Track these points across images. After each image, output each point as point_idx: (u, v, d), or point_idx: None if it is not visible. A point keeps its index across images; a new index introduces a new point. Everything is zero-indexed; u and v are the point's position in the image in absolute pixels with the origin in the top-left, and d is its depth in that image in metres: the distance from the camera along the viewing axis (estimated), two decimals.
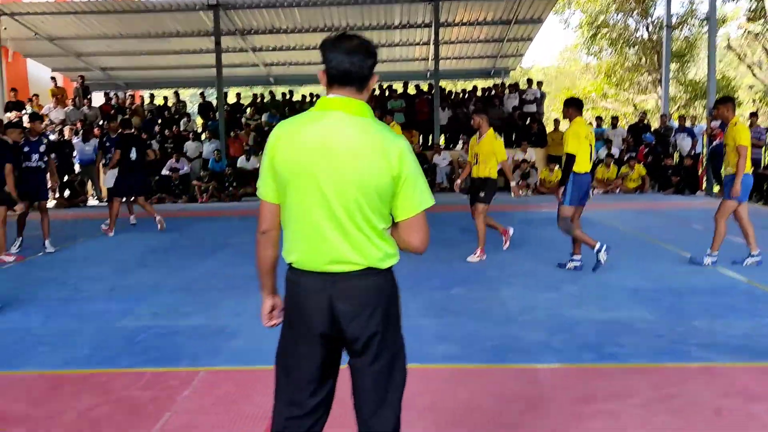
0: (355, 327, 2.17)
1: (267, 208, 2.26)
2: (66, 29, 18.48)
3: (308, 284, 2.19)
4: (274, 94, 19.82)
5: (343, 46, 2.18)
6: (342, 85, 2.19)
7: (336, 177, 2.13)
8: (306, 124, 2.19)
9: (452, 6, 17.37)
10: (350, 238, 2.15)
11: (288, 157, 2.16)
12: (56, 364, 4.46)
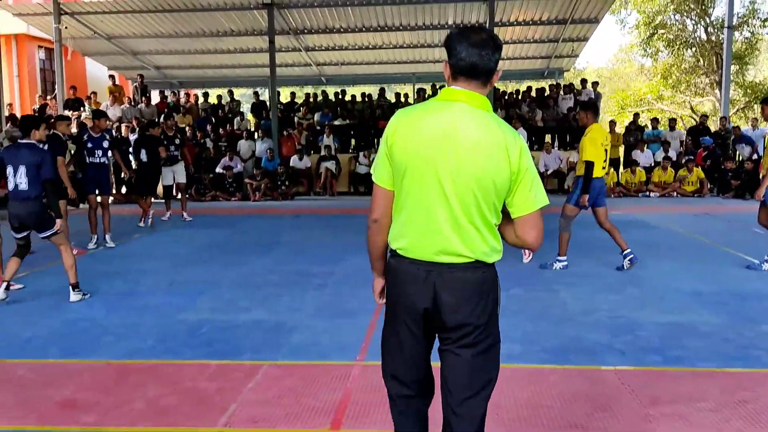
0: (456, 317, 2.20)
1: (382, 194, 2.28)
2: (123, 28, 18.94)
3: (413, 271, 2.22)
4: (327, 93, 19.92)
5: (472, 38, 2.17)
6: (468, 78, 2.19)
7: (455, 168, 2.13)
8: (428, 113, 2.19)
9: (507, 5, 17.15)
10: (461, 231, 2.17)
11: (407, 145, 2.17)
12: (122, 354, 4.53)
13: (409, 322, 2.27)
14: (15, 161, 5.81)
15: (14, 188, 5.81)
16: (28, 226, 5.93)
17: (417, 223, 2.20)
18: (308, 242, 9.33)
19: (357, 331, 4.92)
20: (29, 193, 5.78)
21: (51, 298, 6.14)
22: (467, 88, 2.19)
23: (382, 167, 2.27)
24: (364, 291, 6.13)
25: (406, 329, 2.28)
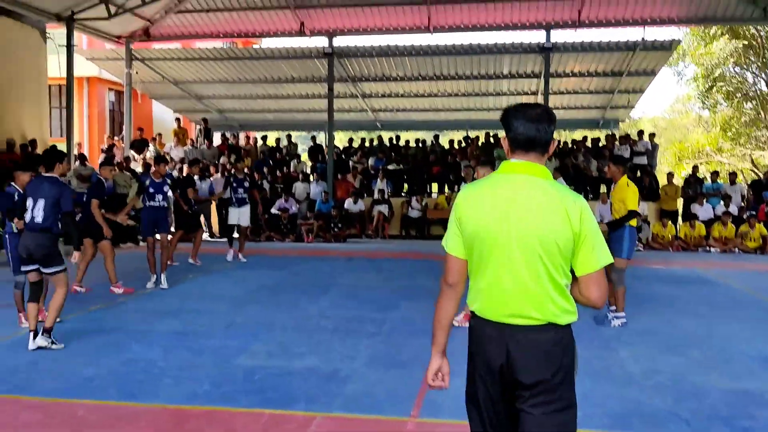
0: (528, 376, 2.26)
1: (454, 262, 2.44)
2: (190, 74, 19.78)
3: (488, 332, 2.34)
4: (382, 138, 20.21)
5: (528, 114, 2.35)
6: (526, 151, 2.35)
7: (520, 235, 2.26)
8: (493, 186, 2.37)
9: (563, 57, 17.23)
10: (530, 294, 2.27)
11: (475, 217, 2.34)
12: (179, 398, 4.58)
13: (487, 380, 2.35)
14: (35, 194, 5.84)
15: (30, 220, 5.81)
16: (35, 259, 5.82)
17: (487, 288, 2.33)
18: (360, 286, 9.35)
19: (411, 383, 4.86)
20: (42, 225, 5.74)
21: (110, 336, 6.30)
22: (527, 160, 2.35)
23: (453, 238, 2.43)
24: (416, 341, 6.11)
25: (484, 387, 2.36)
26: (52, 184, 5.86)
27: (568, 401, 2.30)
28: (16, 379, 4.98)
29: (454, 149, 18.98)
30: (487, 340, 2.33)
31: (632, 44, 16.60)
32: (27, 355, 5.64)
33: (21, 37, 15.38)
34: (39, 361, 5.44)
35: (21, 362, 5.42)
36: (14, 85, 15.08)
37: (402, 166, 18.56)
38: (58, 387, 4.81)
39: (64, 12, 15.75)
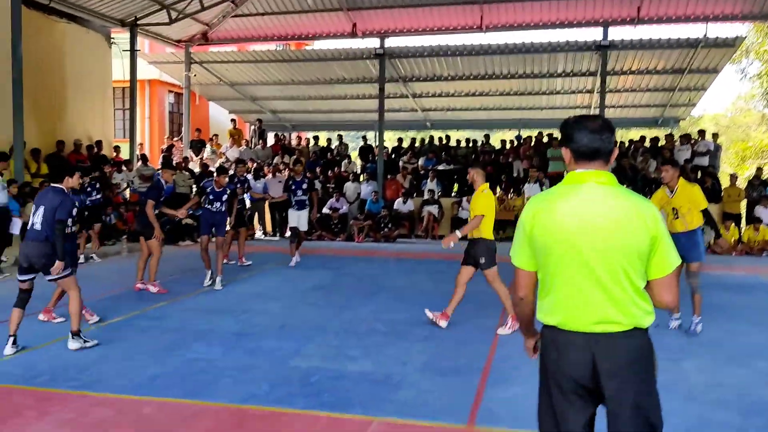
0: (615, 384, 2.31)
1: (524, 275, 2.51)
2: (246, 76, 20.19)
3: (570, 343, 2.37)
4: (433, 138, 20.19)
5: (590, 126, 2.41)
6: (590, 161, 2.42)
7: (599, 244, 2.32)
8: (562, 197, 2.41)
9: (621, 54, 16.88)
10: (615, 300, 2.32)
11: (548, 229, 2.38)
12: (239, 398, 4.72)
13: (568, 393, 2.36)
14: (39, 202, 5.99)
15: (30, 227, 5.89)
16: (36, 268, 5.89)
17: (570, 299, 2.36)
18: (411, 289, 9.40)
19: (466, 391, 4.89)
20: (41, 234, 5.79)
21: (172, 335, 6.53)
22: (591, 169, 2.41)
23: (522, 251, 2.48)
24: (469, 347, 6.13)
25: (565, 400, 2.37)
26: (55, 194, 5.93)
27: (654, 405, 2.38)
28: (86, 376, 5.22)
29: (506, 149, 18.82)
30: (571, 351, 2.35)
31: (694, 41, 16.12)
32: (95, 352, 5.90)
33: (87, 43, 16.00)
34: (107, 359, 5.69)
35: (90, 359, 5.67)
36: (81, 88, 15.70)
37: (452, 166, 18.51)
38: (126, 384, 5.02)
39: (128, 18, 16.31)
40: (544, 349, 2.45)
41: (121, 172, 15.33)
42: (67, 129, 15.20)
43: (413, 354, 5.97)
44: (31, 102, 13.07)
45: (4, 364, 5.52)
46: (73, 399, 4.70)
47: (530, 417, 4.33)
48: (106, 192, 14.06)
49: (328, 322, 7.19)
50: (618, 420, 2.33)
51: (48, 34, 14.62)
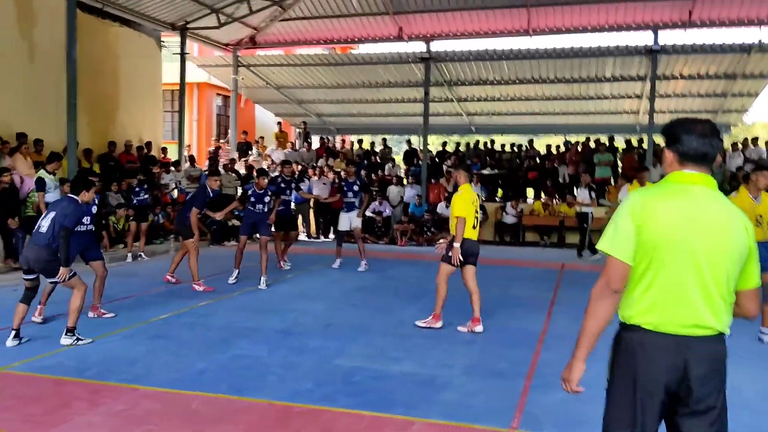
0: (705, 389, 2.32)
1: (623, 268, 2.38)
2: (292, 79, 20.43)
3: (661, 345, 2.33)
4: (478, 142, 20.06)
5: (699, 129, 2.41)
6: (697, 164, 2.41)
7: (710, 248, 2.31)
8: (672, 195, 2.39)
9: (671, 59, 16.50)
10: (713, 305, 2.32)
11: (660, 225, 2.33)
12: (284, 395, 4.77)
13: (649, 398, 2.34)
14: (51, 208, 6.16)
15: (36, 230, 6.02)
16: (33, 270, 6.00)
17: (670, 299, 2.33)
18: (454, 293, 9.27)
19: (510, 394, 4.84)
20: (44, 238, 5.89)
21: (219, 332, 6.64)
22: (698, 171, 2.40)
23: (626, 242, 2.36)
24: (514, 351, 6.06)
25: (650, 406, 2.34)
26: (69, 203, 6.09)
27: (725, 410, 2.39)
28: (136, 369, 5.35)
29: (552, 154, 18.58)
30: (663, 355, 2.32)
31: (747, 46, 15.65)
32: (144, 346, 6.05)
33: (139, 46, 16.43)
34: (155, 353, 5.82)
35: (139, 353, 5.81)
36: (132, 90, 16.13)
37: (497, 170, 18.36)
38: (174, 378, 5.12)
39: (178, 21, 16.69)
40: (625, 352, 2.39)
41: (169, 172, 15.66)
42: (118, 130, 15.62)
43: (457, 356, 5.94)
44: (84, 103, 13.47)
45: (59, 356, 5.70)
46: (122, 391, 4.81)
47: (573, 423, 4.30)
48: (154, 192, 14.40)
49: (371, 323, 7.21)
50: (700, 425, 2.34)
51: (102, 37, 15.07)
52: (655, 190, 2.42)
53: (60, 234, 5.88)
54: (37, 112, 12.92)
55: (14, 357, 5.63)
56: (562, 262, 12.83)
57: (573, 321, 7.29)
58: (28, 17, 12.98)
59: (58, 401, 4.59)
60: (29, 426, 4.12)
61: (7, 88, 12.40)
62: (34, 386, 4.92)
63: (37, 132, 12.64)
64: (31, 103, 12.88)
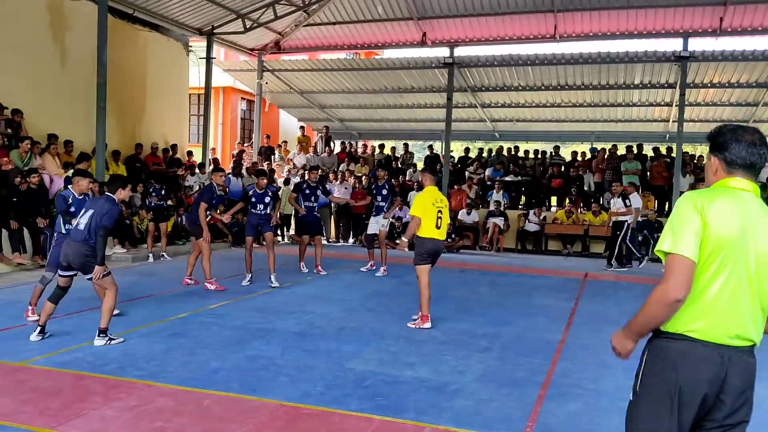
0: (738, 403, 2.26)
1: (690, 268, 2.24)
2: (315, 84, 20.54)
3: (706, 355, 2.25)
4: (502, 149, 19.92)
5: (748, 138, 2.37)
6: (745, 173, 2.37)
7: (760, 255, 2.27)
8: (729, 199, 2.31)
9: (701, 66, 16.24)
10: (755, 316, 2.29)
11: (725, 226, 2.25)
12: (294, 396, 4.77)
13: (686, 410, 2.26)
14: (88, 206, 6.20)
15: (75, 228, 6.14)
16: (72, 266, 6.08)
17: (721, 306, 2.25)
18: (473, 300, 9.29)
19: (524, 403, 4.78)
20: (82, 235, 5.98)
21: (236, 333, 6.67)
22: (746, 178, 2.37)
23: (693, 239, 2.24)
24: (531, 360, 5.99)
25: (685, 417, 2.27)
26: (106, 202, 6.15)
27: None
28: (152, 366, 5.40)
29: (578, 161, 18.39)
30: (705, 366, 2.24)
31: None
32: (161, 344, 6.10)
33: (167, 50, 16.68)
34: (172, 352, 5.87)
35: (156, 351, 5.86)
36: (160, 94, 16.37)
37: (520, 177, 18.23)
38: (188, 377, 5.16)
39: (205, 27, 16.90)
40: (663, 362, 2.30)
41: (194, 175, 15.84)
42: (145, 132, 15.86)
43: (472, 363, 5.89)
44: (113, 106, 13.69)
45: (78, 351, 5.78)
46: (138, 387, 4.86)
47: None
48: (178, 194, 14.58)
49: (387, 328, 7.18)
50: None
51: (131, 42, 15.33)
52: (712, 192, 2.34)
53: (99, 233, 5.97)
54: (68, 115, 13.19)
55: (37, 352, 5.72)
56: (585, 272, 12.67)
57: (593, 331, 7.26)
58: (60, 23, 13.27)
59: (75, 395, 4.64)
60: (45, 419, 4.17)
61: (39, 91, 12.68)
62: (53, 380, 4.99)
63: (68, 134, 12.91)
64: (61, 105, 13.15)
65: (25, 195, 10.28)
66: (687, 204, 2.29)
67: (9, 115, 11.74)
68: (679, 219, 2.28)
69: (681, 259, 2.21)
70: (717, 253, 2.23)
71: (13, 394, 4.62)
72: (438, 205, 7.31)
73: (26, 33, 12.51)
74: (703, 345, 2.24)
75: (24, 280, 9.33)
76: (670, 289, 2.21)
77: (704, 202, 2.27)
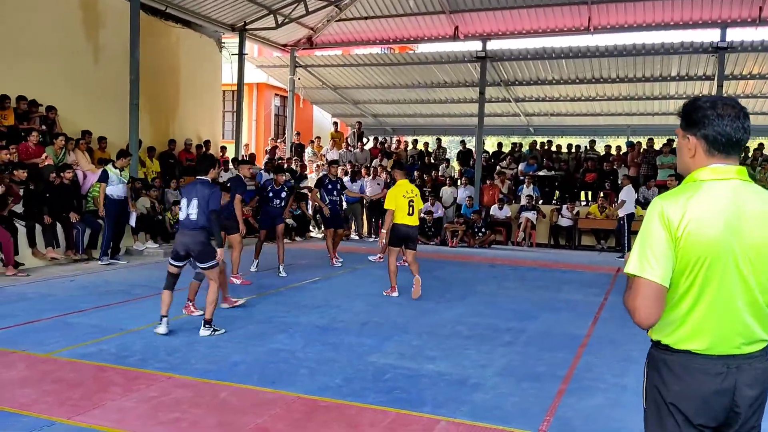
0: (751, 410, 2.07)
1: (658, 293, 2.01)
2: (348, 80, 20.56)
3: (710, 369, 2.04)
4: (535, 143, 19.65)
5: (730, 113, 2.05)
6: (728, 154, 2.07)
7: (754, 251, 2.01)
8: (707, 195, 2.04)
9: (740, 57, 15.74)
10: (761, 314, 2.05)
11: (704, 231, 1.99)
12: (313, 389, 4.77)
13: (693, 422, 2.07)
14: (189, 195, 6.26)
15: (185, 218, 6.23)
16: (191, 255, 6.24)
17: (719, 318, 2.03)
18: (500, 294, 9.18)
19: (543, 398, 4.69)
20: (197, 223, 6.15)
21: (258, 326, 6.71)
22: (729, 164, 2.06)
23: (663, 261, 2.00)
24: (553, 354, 5.89)
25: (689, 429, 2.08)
26: (204, 186, 6.27)
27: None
28: (173, 359, 5.46)
29: (612, 155, 18.02)
30: (711, 381, 2.04)
31: None
32: (184, 337, 6.17)
33: (200, 47, 16.89)
34: (194, 344, 5.93)
35: (179, 344, 5.93)
36: (193, 90, 16.59)
37: (554, 172, 17.96)
38: (209, 369, 5.20)
39: (237, 23, 17.06)
40: (667, 377, 2.08)
41: (227, 171, 16.00)
42: (178, 129, 16.10)
43: (494, 358, 5.81)
44: (146, 102, 13.93)
45: (103, 343, 5.88)
46: (158, 379, 4.92)
47: (606, 429, 4.13)
48: None
49: (411, 322, 7.14)
50: None
51: (164, 39, 15.56)
52: (683, 192, 2.04)
53: (211, 217, 6.17)
54: (101, 111, 13.45)
55: (62, 344, 5.84)
56: (618, 267, 12.42)
57: (621, 326, 7.10)
58: (93, 20, 13.53)
59: (96, 386, 4.72)
60: (65, 409, 4.25)
61: (73, 88, 12.96)
62: (76, 372, 5.08)
63: (101, 130, 13.17)
64: (95, 102, 13.42)
65: (58, 190, 10.51)
66: (653, 217, 2.02)
67: (44, 111, 12.03)
68: (645, 236, 2.03)
69: (648, 284, 1.99)
70: (699, 264, 1.99)
71: (37, 384, 4.72)
72: (409, 196, 8.42)
73: (60, 31, 12.81)
74: (706, 359, 2.04)
75: (57, 274, 9.56)
76: (641, 318, 2.02)
77: (672, 212, 1.99)
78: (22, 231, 9.78)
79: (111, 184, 10.47)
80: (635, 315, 2.03)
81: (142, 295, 8.18)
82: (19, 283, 8.78)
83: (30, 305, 7.38)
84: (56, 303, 7.53)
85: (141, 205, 12.06)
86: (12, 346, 5.68)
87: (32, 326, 6.46)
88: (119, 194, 10.60)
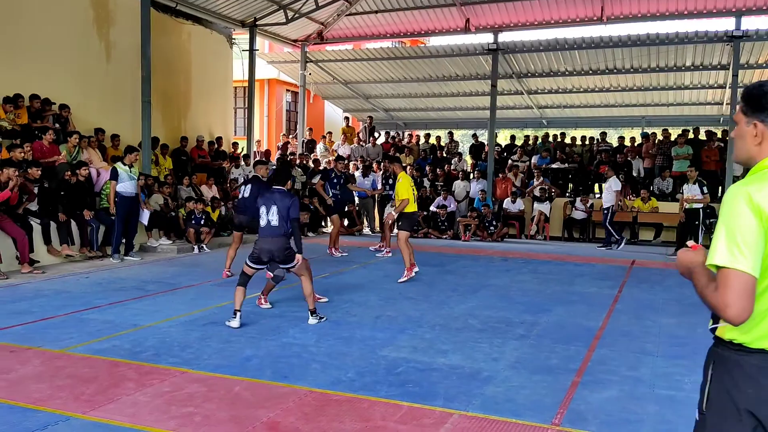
0: None
1: (751, 285, 1.85)
2: (359, 74, 20.52)
3: None
4: (548, 136, 19.52)
5: None
6: None
7: None
8: None
9: (756, 46, 15.52)
10: None
11: None
12: (325, 383, 4.77)
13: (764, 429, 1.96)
14: (269, 203, 6.64)
15: (266, 224, 6.58)
16: (275, 260, 6.56)
17: None
18: (513, 288, 9.13)
19: (556, 391, 4.65)
20: (279, 230, 6.52)
21: (272, 321, 6.73)
22: None
23: (754, 250, 1.85)
24: (566, 347, 5.85)
25: None
26: (283, 195, 6.68)
27: None
28: (186, 354, 5.48)
29: (626, 147, 17.86)
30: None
31: None
32: (198, 332, 6.20)
33: (210, 43, 16.93)
34: (208, 339, 5.95)
35: (192, 339, 5.96)
36: (204, 87, 16.64)
37: (567, 165, 17.83)
38: (221, 364, 5.22)
39: (247, 19, 17.08)
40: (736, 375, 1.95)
41: (239, 167, 16.06)
42: (190, 125, 16.16)
43: (507, 351, 5.78)
44: (158, 100, 13.99)
45: (117, 339, 5.92)
46: (171, 374, 4.94)
47: (620, 421, 4.10)
48: (224, 186, 14.84)
49: (423, 316, 7.13)
50: None
51: (175, 36, 15.61)
52: (762, 179, 1.91)
53: (293, 225, 6.60)
54: (114, 109, 13.53)
55: (77, 340, 5.88)
56: (633, 259, 12.32)
57: (635, 318, 7.04)
58: (104, 18, 13.60)
59: (110, 381, 4.75)
60: (78, 404, 4.28)
61: (85, 86, 13.05)
62: (90, 367, 5.11)
63: (114, 127, 13.25)
64: (107, 100, 13.50)
65: (72, 188, 10.59)
66: (740, 202, 1.86)
67: (57, 110, 12.11)
68: (732, 223, 1.85)
69: (740, 276, 1.81)
70: None
71: (51, 380, 4.76)
72: (413, 186, 9.67)
73: (71, 29, 12.88)
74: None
75: (72, 271, 9.64)
76: (734, 315, 1.83)
77: (761, 198, 1.84)
78: (37, 229, 9.86)
79: (121, 182, 10.53)
80: (727, 312, 1.83)
81: (156, 291, 8.22)
82: (35, 280, 8.86)
83: (45, 302, 7.44)
84: (71, 299, 7.59)
85: (154, 202, 12.13)
86: (28, 343, 5.73)
87: (47, 323, 6.51)
88: (130, 191, 10.65)
